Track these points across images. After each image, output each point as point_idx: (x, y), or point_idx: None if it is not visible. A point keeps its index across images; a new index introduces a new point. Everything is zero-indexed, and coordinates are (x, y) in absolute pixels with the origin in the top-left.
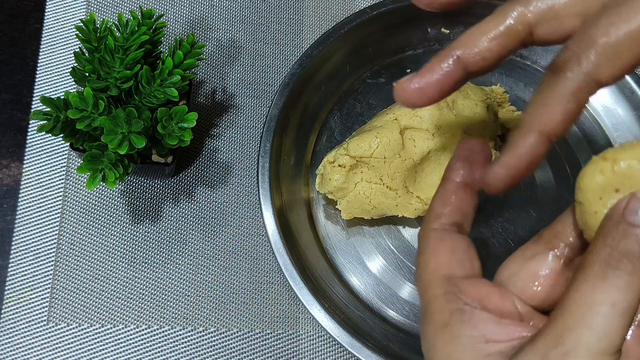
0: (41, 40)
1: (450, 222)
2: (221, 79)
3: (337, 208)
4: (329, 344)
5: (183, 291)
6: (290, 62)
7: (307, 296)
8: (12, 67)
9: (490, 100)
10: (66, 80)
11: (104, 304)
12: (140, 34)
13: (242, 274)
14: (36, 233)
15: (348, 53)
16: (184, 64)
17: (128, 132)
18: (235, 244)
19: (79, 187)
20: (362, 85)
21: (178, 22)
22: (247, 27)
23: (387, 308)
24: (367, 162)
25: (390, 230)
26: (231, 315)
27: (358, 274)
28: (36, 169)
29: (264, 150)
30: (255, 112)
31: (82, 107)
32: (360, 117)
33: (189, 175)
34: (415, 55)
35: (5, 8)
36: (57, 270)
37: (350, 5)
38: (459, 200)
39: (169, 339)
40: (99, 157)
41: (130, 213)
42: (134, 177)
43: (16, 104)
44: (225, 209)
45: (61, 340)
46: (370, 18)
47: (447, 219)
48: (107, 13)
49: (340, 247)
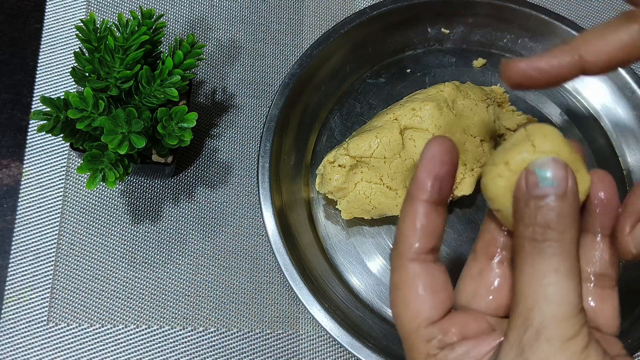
0: (41, 40)
1: (425, 251)
2: (221, 79)
3: (337, 208)
4: (329, 344)
5: (183, 291)
6: (290, 62)
7: (307, 296)
8: (12, 67)
9: (490, 100)
10: (66, 80)
11: (104, 304)
12: (140, 34)
13: (242, 274)
14: (36, 233)
15: (348, 53)
16: (184, 64)
17: (128, 132)
18: (235, 244)
19: (79, 187)
20: (362, 85)
21: (178, 22)
22: (247, 27)
23: (387, 308)
24: (367, 162)
25: (390, 230)
26: (231, 315)
27: (358, 274)
28: (36, 169)
29: (264, 150)
30: (255, 112)
31: (82, 107)
32: (360, 117)
33: (189, 175)
34: (415, 55)
35: (5, 8)
36: (57, 270)
37: (350, 5)
38: (431, 224)
39: (169, 339)
40: (99, 157)
41: (130, 213)
42: (134, 177)
43: (16, 104)
44: (225, 209)
45: (61, 340)
46: (370, 18)
47: (421, 247)
48: (107, 13)
49: (340, 247)
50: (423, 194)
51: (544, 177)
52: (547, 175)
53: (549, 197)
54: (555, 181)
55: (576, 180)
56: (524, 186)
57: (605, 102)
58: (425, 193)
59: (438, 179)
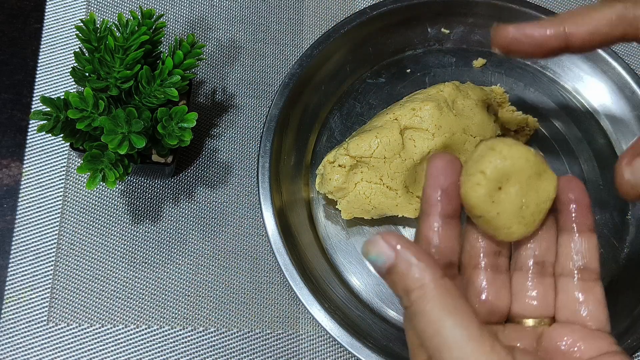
0: (41, 40)
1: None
2: (221, 79)
3: (337, 208)
4: (329, 344)
5: (183, 291)
6: (290, 62)
7: (307, 296)
8: (12, 67)
9: (490, 100)
10: (66, 80)
11: (104, 304)
12: (140, 34)
13: (242, 274)
14: (36, 233)
15: (348, 53)
16: (184, 64)
17: (128, 132)
18: (235, 244)
19: (79, 187)
20: (362, 85)
21: (178, 22)
22: (247, 27)
23: (387, 308)
24: (367, 162)
25: (390, 230)
26: (231, 315)
27: (358, 274)
28: (36, 169)
29: (264, 150)
30: (255, 112)
31: (82, 107)
32: (360, 117)
33: (189, 175)
34: (415, 55)
35: (5, 8)
36: (57, 270)
37: (350, 5)
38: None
39: (169, 339)
40: (99, 157)
41: (130, 213)
42: (134, 177)
43: (16, 104)
44: (225, 209)
45: (61, 340)
46: (370, 18)
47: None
48: (107, 13)
49: (340, 247)
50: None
51: (372, 260)
52: (373, 256)
53: (391, 274)
54: (379, 257)
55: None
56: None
57: (605, 102)
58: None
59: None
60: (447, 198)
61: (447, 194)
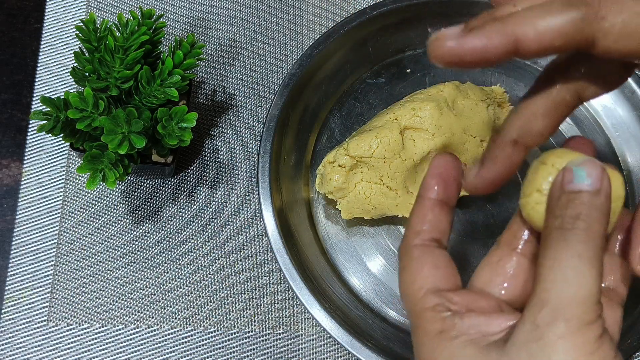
0: (41, 40)
1: (429, 238)
2: (221, 79)
3: (337, 208)
4: (329, 344)
5: (183, 291)
6: (290, 62)
7: (307, 296)
8: (12, 67)
9: (490, 100)
10: (66, 80)
11: (104, 304)
12: (140, 34)
13: (242, 274)
14: (36, 233)
15: (348, 53)
16: (184, 64)
17: (128, 132)
18: (235, 244)
19: (79, 187)
20: (362, 85)
21: (178, 22)
22: (247, 27)
23: (387, 308)
24: (367, 162)
25: (390, 230)
26: (231, 315)
27: (358, 274)
28: (36, 169)
29: (264, 150)
30: (255, 112)
31: (82, 107)
32: (360, 117)
33: (189, 175)
34: (415, 55)
35: (5, 8)
36: (57, 270)
37: (350, 5)
38: (435, 217)
39: (169, 339)
40: (99, 157)
41: (130, 213)
42: (134, 177)
43: (16, 104)
44: (225, 209)
45: (61, 340)
46: (370, 18)
47: (426, 235)
48: (107, 13)
49: (340, 247)
50: (428, 192)
51: (580, 174)
52: (583, 172)
53: (582, 193)
54: (589, 178)
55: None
56: (560, 182)
57: (605, 102)
58: (429, 191)
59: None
60: (444, 185)
61: (445, 182)
